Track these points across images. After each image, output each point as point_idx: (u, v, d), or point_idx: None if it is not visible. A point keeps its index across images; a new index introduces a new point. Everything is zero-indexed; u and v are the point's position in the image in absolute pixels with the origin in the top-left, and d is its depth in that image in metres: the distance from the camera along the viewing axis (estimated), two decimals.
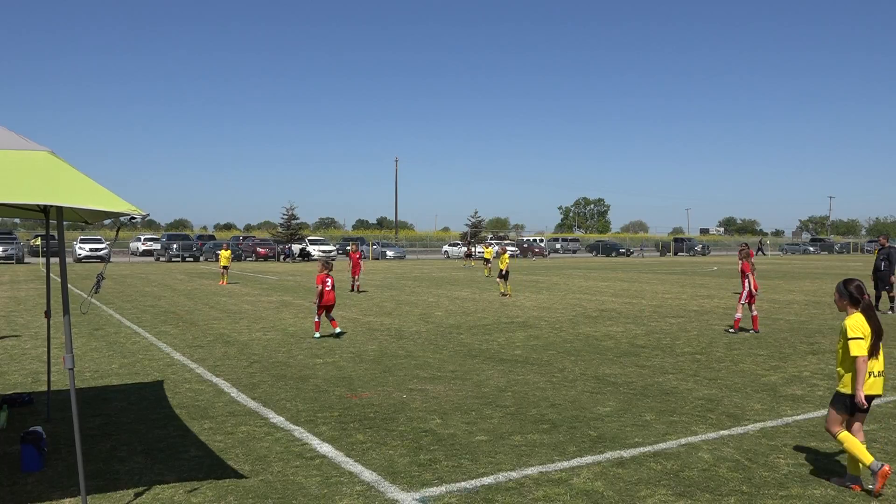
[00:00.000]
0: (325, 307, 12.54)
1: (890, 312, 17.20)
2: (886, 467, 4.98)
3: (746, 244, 14.80)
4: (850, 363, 5.13)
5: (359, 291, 22.68)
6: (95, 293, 13.85)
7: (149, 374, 9.41)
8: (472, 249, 55.09)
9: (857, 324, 5.17)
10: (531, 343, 12.20)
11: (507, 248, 63.49)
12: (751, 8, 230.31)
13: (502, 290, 21.38)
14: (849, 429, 5.30)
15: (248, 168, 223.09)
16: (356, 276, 23.10)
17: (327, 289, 12.46)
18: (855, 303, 5.27)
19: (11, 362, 10.35)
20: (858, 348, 5.07)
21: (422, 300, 20.19)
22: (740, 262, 13.63)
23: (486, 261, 33.51)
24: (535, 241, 73.55)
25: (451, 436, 6.55)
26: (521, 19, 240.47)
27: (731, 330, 13.44)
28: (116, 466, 5.71)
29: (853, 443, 5.15)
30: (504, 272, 21.38)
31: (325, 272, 12.64)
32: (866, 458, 5.06)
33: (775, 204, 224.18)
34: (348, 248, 24.20)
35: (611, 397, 8.08)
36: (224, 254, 27.55)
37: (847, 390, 5.19)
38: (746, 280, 13.34)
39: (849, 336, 5.13)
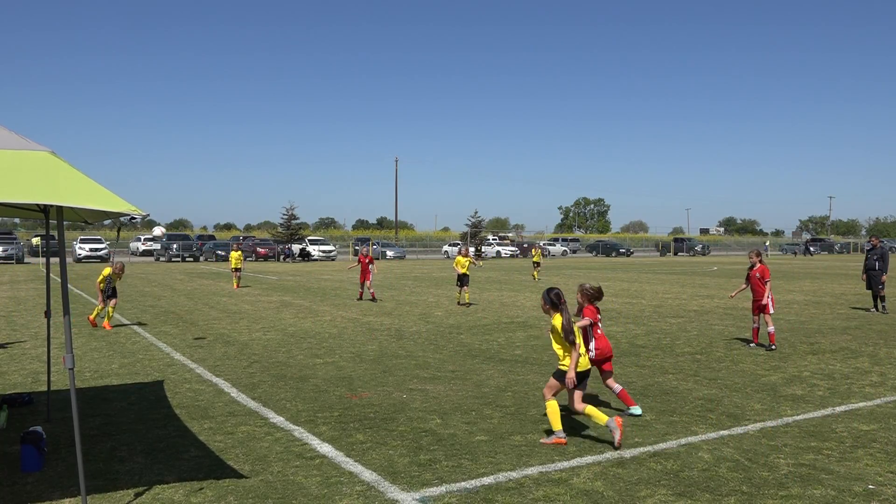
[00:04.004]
0: (603, 365, 7.32)
1: (874, 311, 17.18)
2: (564, 441, 6.28)
3: (758, 249, 12.72)
4: (568, 349, 6.31)
5: (373, 299, 19.75)
6: (108, 296, 13.96)
7: (149, 374, 9.41)
8: (474, 250, 55.13)
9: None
10: (531, 343, 12.20)
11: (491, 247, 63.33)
12: (751, 8, 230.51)
13: (459, 300, 18.83)
14: (573, 397, 6.48)
15: (248, 168, 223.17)
16: (366, 283, 19.76)
17: (590, 354, 7.08)
18: (555, 307, 6.33)
19: (11, 362, 10.34)
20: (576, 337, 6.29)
21: (422, 300, 20.20)
22: (757, 265, 11.54)
23: (537, 264, 30.20)
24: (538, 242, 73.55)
25: (451, 436, 6.55)
26: (521, 19, 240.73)
27: (773, 346, 11.36)
28: (116, 466, 5.71)
29: (553, 410, 6.35)
30: (465, 277, 18.67)
31: (590, 305, 7.27)
32: (557, 425, 6.32)
33: (775, 204, 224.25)
34: (358, 248, 20.86)
35: (611, 397, 8.07)
36: (234, 255, 24.57)
37: (565, 368, 6.35)
38: (768, 286, 11.53)
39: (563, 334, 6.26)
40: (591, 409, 6.36)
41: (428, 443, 6.34)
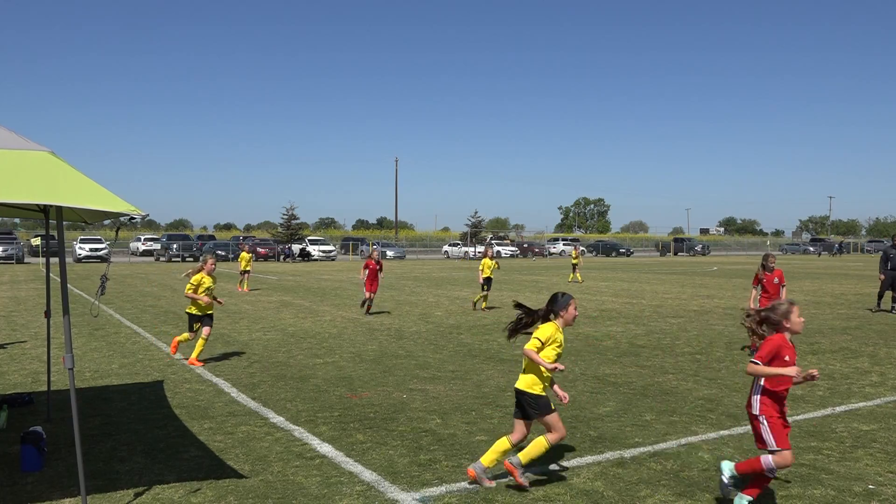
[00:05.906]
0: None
1: (892, 312, 17.12)
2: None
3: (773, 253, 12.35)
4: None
5: (368, 312, 16.49)
6: (101, 294, 13.83)
7: (149, 374, 9.41)
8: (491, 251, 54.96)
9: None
10: None
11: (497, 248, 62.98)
12: (751, 8, 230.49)
13: (482, 304, 17.75)
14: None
15: (248, 168, 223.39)
16: (372, 292, 16.46)
17: None
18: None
19: (11, 362, 10.34)
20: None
21: (422, 300, 20.20)
22: (775, 269, 11.43)
23: (575, 266, 29.21)
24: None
25: (451, 436, 6.55)
26: (521, 19, 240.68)
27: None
28: (116, 466, 5.71)
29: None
30: (489, 281, 17.60)
31: None
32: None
33: (775, 204, 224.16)
34: (366, 251, 17.21)
35: (611, 397, 8.08)
36: (244, 256, 23.34)
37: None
38: (784, 290, 11.36)
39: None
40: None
41: (428, 443, 6.34)
